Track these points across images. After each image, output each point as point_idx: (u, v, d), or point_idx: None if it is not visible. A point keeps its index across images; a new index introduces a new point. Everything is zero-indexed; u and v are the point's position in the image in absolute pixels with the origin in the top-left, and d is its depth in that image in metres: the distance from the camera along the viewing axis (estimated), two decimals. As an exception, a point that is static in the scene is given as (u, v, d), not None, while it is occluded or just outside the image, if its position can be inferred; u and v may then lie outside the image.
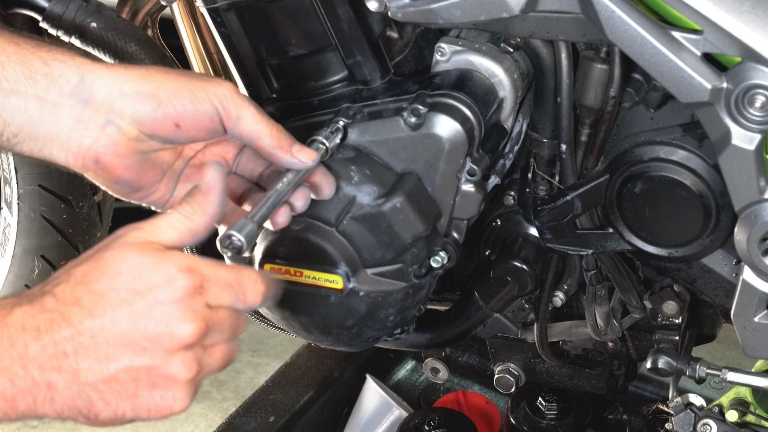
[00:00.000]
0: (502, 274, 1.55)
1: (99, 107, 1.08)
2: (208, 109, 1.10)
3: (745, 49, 1.12)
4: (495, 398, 2.09)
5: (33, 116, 1.08)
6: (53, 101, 1.08)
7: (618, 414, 2.00)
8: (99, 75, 1.08)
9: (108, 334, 0.95)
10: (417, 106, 1.28)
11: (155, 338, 0.96)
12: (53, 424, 2.46)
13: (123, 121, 1.09)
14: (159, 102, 1.08)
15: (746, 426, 1.52)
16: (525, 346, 1.73)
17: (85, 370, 0.95)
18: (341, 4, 1.29)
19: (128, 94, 1.08)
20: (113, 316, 0.95)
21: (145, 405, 0.98)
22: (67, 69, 1.08)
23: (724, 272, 1.38)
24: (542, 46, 1.34)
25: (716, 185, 1.29)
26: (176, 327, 0.97)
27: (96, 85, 1.08)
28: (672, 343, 1.48)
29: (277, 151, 1.14)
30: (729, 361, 2.42)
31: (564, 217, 1.40)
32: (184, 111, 1.09)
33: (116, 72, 1.09)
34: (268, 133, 1.13)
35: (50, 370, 0.94)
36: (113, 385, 0.96)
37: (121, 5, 1.75)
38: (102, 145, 1.09)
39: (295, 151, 1.15)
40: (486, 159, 1.31)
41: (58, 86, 1.08)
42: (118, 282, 0.96)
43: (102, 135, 1.09)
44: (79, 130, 1.09)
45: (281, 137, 1.14)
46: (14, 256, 2.15)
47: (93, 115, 1.09)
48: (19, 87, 1.07)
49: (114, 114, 1.08)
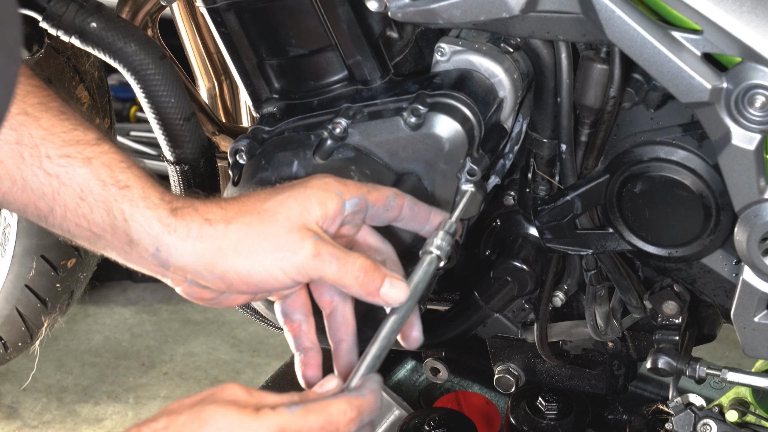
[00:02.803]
0: (502, 274, 1.55)
1: (177, 271, 1.11)
2: (285, 282, 1.10)
3: (745, 49, 1.12)
4: (495, 398, 2.09)
5: (121, 258, 1.14)
6: (137, 256, 1.12)
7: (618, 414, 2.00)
8: (174, 249, 1.10)
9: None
10: (417, 106, 1.28)
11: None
12: (53, 425, 2.47)
13: (204, 281, 1.12)
14: (230, 285, 1.11)
15: (746, 426, 1.52)
16: (525, 346, 1.73)
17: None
18: (341, 4, 1.29)
19: (202, 273, 1.10)
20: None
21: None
22: (144, 236, 1.10)
23: (724, 272, 1.38)
24: (542, 46, 1.34)
25: (716, 185, 1.29)
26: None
27: (171, 258, 1.10)
28: (672, 343, 1.48)
29: (366, 298, 1.12)
30: (729, 361, 2.42)
31: (564, 217, 1.40)
32: (257, 288, 1.11)
33: (190, 247, 1.10)
34: (353, 283, 1.10)
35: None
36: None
37: (121, 5, 1.74)
38: (187, 293, 1.15)
39: (382, 294, 1.12)
40: (486, 159, 1.31)
41: (137, 248, 1.11)
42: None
43: (186, 286, 1.14)
44: (165, 279, 1.15)
45: (367, 283, 1.11)
46: (14, 256, 2.15)
47: (173, 275, 1.13)
48: (106, 235, 1.11)
49: (193, 276, 1.12)
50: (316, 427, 1.01)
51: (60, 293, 2.21)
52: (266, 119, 1.40)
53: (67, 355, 2.67)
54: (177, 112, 1.60)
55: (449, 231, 1.18)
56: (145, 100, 1.59)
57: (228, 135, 1.82)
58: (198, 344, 2.71)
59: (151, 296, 2.86)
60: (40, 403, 2.52)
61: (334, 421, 1.03)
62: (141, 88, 1.58)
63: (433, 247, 1.17)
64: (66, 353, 2.67)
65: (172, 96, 1.59)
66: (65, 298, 2.23)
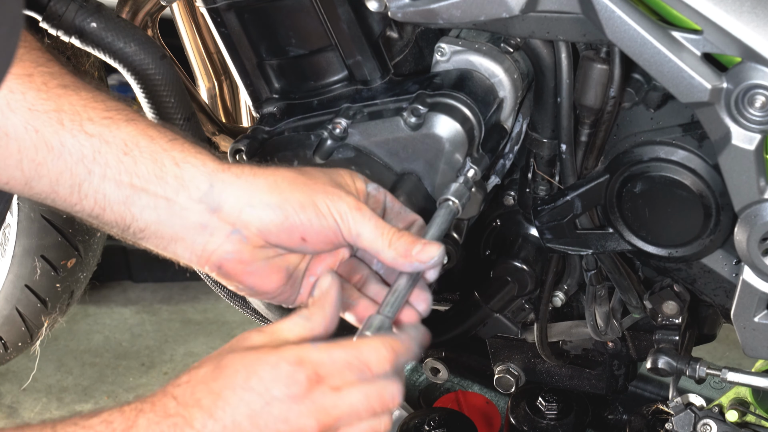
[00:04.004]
0: (502, 274, 1.55)
1: (226, 216, 1.08)
2: (332, 224, 1.08)
3: (745, 49, 1.12)
4: (495, 398, 2.09)
5: (161, 216, 1.09)
6: (182, 204, 1.08)
7: (618, 414, 2.00)
8: (229, 184, 1.08)
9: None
10: (417, 106, 1.28)
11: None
12: (53, 424, 2.46)
13: (249, 231, 1.08)
14: (286, 215, 1.08)
15: (746, 426, 1.52)
16: (525, 346, 1.73)
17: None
18: (341, 4, 1.29)
19: (256, 205, 1.08)
20: (233, 417, 0.96)
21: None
22: (197, 174, 1.08)
23: (724, 272, 1.38)
24: (542, 46, 1.34)
25: (716, 185, 1.29)
26: (296, 422, 0.96)
27: (225, 194, 1.08)
28: (672, 343, 1.48)
29: (398, 261, 1.09)
30: (729, 361, 2.42)
31: (564, 217, 1.40)
32: (310, 225, 1.08)
33: (245, 181, 1.09)
34: (387, 246, 1.09)
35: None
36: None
37: (121, 5, 1.75)
38: (226, 252, 1.09)
39: (415, 254, 1.09)
40: (486, 159, 1.31)
41: (187, 190, 1.08)
42: (235, 381, 0.97)
43: (226, 242, 1.09)
44: (205, 235, 1.09)
45: (399, 246, 1.09)
46: (14, 256, 2.15)
47: (219, 224, 1.09)
48: (149, 186, 1.08)
49: (240, 224, 1.08)
50: (341, 361, 0.98)
51: (60, 293, 2.20)
52: (266, 119, 1.40)
53: (67, 355, 2.67)
54: (177, 112, 1.60)
55: (466, 184, 1.20)
56: (145, 100, 1.59)
57: (228, 135, 1.82)
58: (198, 344, 2.71)
59: (151, 296, 2.86)
60: (40, 403, 2.52)
61: (364, 359, 0.99)
62: (141, 88, 1.58)
63: (450, 195, 1.17)
64: (66, 353, 2.67)
65: (172, 96, 1.59)
66: (65, 298, 2.23)
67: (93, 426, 0.97)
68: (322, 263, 1.14)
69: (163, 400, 0.97)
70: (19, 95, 1.07)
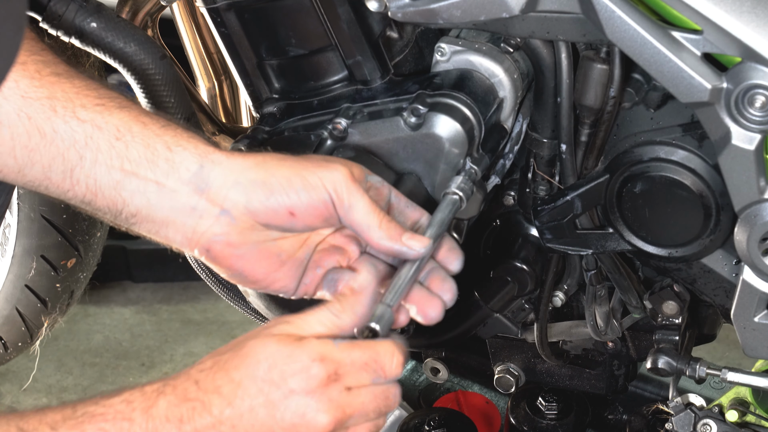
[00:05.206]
0: (502, 274, 1.55)
1: (214, 196, 1.08)
2: (322, 195, 1.07)
3: (745, 49, 1.12)
4: (495, 398, 2.09)
5: (151, 200, 1.09)
6: (171, 187, 1.08)
7: (618, 414, 2.00)
8: (218, 164, 1.08)
9: (247, 424, 0.98)
10: (417, 106, 1.28)
11: (292, 429, 0.98)
12: (53, 424, 2.46)
13: (237, 211, 1.08)
14: (272, 190, 1.07)
15: (746, 426, 1.52)
16: (525, 346, 1.73)
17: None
18: (341, 4, 1.30)
19: (242, 182, 1.07)
20: (251, 406, 0.98)
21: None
22: (188, 156, 1.08)
23: (724, 272, 1.38)
24: (542, 46, 1.34)
25: (716, 185, 1.29)
26: (312, 417, 0.98)
27: (214, 174, 1.08)
28: (672, 343, 1.48)
29: (385, 241, 1.09)
30: (729, 361, 2.42)
31: (564, 217, 1.40)
32: (298, 199, 1.07)
33: (233, 160, 1.09)
34: (377, 224, 1.08)
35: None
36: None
37: (121, 5, 1.74)
38: (214, 234, 1.09)
39: (405, 240, 1.09)
40: (486, 159, 1.31)
41: (177, 173, 1.08)
42: (256, 371, 0.98)
43: (215, 224, 1.09)
44: (194, 218, 1.09)
45: (390, 228, 1.09)
46: (14, 256, 2.15)
47: (208, 205, 1.08)
48: (140, 170, 1.08)
49: (229, 204, 1.08)
50: (359, 362, 1.00)
51: (60, 293, 2.20)
52: (266, 119, 1.40)
53: (67, 355, 2.67)
54: (177, 112, 1.60)
55: (470, 176, 1.20)
56: (145, 100, 1.59)
57: (228, 135, 1.82)
58: (198, 344, 2.71)
59: (151, 296, 2.85)
60: (40, 403, 2.52)
61: (380, 361, 1.01)
62: (141, 88, 1.58)
63: (454, 188, 1.18)
64: (66, 353, 2.67)
65: (172, 96, 1.59)
66: (65, 298, 2.23)
67: (114, 404, 0.98)
68: (330, 257, 1.14)
69: (185, 384, 0.99)
70: (11, 83, 1.07)
